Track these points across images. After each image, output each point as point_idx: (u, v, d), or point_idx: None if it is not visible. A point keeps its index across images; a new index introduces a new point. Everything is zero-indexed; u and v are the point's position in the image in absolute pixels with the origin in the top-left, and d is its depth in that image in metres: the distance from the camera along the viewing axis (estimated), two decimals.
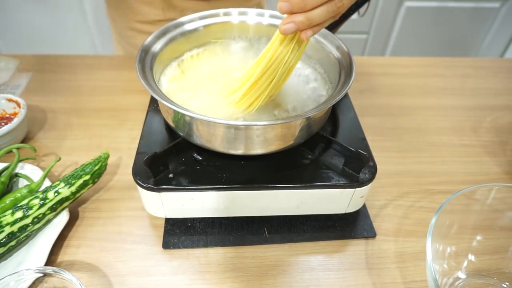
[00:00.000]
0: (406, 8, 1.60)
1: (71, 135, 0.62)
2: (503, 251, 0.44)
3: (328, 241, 0.48)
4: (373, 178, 0.44)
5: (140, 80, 0.41)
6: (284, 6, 0.34)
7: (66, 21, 1.57)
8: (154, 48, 0.49)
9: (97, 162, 0.49)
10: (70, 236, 0.48)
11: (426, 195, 0.54)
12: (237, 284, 0.43)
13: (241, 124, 0.39)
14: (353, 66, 0.45)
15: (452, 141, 0.64)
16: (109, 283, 0.43)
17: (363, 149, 0.45)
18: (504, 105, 0.73)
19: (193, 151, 0.47)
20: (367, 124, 0.65)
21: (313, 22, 0.35)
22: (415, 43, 1.73)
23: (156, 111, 0.52)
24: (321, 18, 0.35)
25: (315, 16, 0.35)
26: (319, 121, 0.46)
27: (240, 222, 0.49)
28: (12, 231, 0.42)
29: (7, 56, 0.80)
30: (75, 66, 0.79)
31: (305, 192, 0.44)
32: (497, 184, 0.42)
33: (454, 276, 0.43)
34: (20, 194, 0.48)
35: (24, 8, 1.53)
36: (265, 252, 0.47)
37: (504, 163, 0.60)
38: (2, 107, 0.61)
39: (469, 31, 1.72)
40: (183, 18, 0.54)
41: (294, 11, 0.35)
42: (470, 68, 0.84)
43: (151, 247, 0.47)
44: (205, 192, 0.43)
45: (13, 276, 0.36)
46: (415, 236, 0.49)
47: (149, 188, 0.42)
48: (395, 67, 0.83)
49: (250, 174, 0.45)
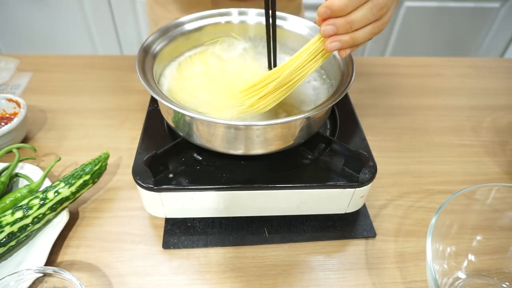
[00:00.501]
0: (406, 8, 1.60)
1: (71, 135, 0.62)
2: (503, 251, 0.44)
3: (328, 241, 0.48)
4: (373, 178, 0.44)
5: (140, 80, 0.41)
6: (330, 29, 0.35)
7: (66, 21, 1.57)
8: (154, 48, 0.49)
9: (97, 162, 0.50)
10: (70, 236, 0.48)
11: (426, 195, 0.54)
12: (237, 284, 0.43)
13: (241, 124, 0.39)
14: (353, 66, 0.45)
15: (452, 141, 0.64)
16: (109, 283, 0.43)
17: (363, 149, 0.45)
18: (504, 105, 0.73)
19: (193, 151, 0.47)
20: (367, 124, 0.65)
21: (356, 42, 0.36)
22: (415, 43, 1.73)
23: (156, 111, 0.52)
24: (363, 39, 0.36)
25: (358, 37, 0.36)
26: (319, 121, 0.46)
27: (240, 222, 0.49)
28: (12, 231, 0.42)
29: (7, 56, 0.80)
30: (75, 66, 0.79)
31: (305, 192, 0.44)
32: (497, 184, 0.42)
33: (454, 276, 0.43)
34: (20, 194, 0.48)
35: (24, 8, 1.53)
36: (265, 252, 0.47)
37: (504, 163, 0.60)
38: (2, 107, 0.61)
39: (469, 31, 1.72)
40: (183, 18, 0.54)
41: (339, 33, 0.35)
42: (470, 68, 0.84)
43: (151, 247, 0.47)
44: (205, 192, 0.43)
45: (13, 276, 0.36)
46: (415, 236, 0.49)
47: (149, 188, 0.42)
48: (395, 67, 0.83)
49: (250, 174, 0.45)
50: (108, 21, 1.58)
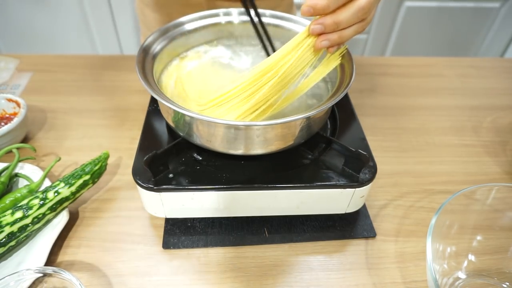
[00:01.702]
0: (406, 8, 1.60)
1: (71, 135, 0.62)
2: (503, 251, 0.44)
3: (328, 241, 0.48)
4: (373, 178, 0.44)
5: (140, 80, 0.41)
6: (318, 28, 0.37)
7: (66, 21, 1.57)
8: (154, 48, 0.49)
9: (97, 162, 0.49)
10: (70, 236, 0.48)
11: (426, 195, 0.54)
12: (237, 284, 0.43)
13: (241, 124, 0.39)
14: (353, 66, 0.45)
15: (452, 141, 0.64)
16: (109, 283, 0.43)
17: (363, 149, 0.45)
18: (505, 105, 0.73)
19: (193, 151, 0.47)
20: (367, 124, 0.65)
21: (343, 40, 0.39)
22: (415, 43, 1.73)
23: (156, 111, 0.52)
24: (349, 37, 0.39)
25: (345, 36, 0.39)
26: (319, 121, 0.46)
27: (240, 222, 0.49)
28: (12, 231, 0.42)
29: (7, 56, 0.80)
30: (75, 66, 0.79)
31: (305, 192, 0.44)
32: (497, 184, 0.42)
33: (454, 276, 0.43)
34: (20, 194, 0.48)
35: (24, 8, 1.53)
36: (265, 252, 0.47)
37: (504, 163, 0.60)
38: (2, 107, 0.61)
39: (469, 31, 1.72)
40: (183, 18, 0.54)
41: (326, 32, 0.38)
42: (470, 68, 0.84)
43: (151, 247, 0.47)
44: (205, 192, 0.43)
45: (13, 276, 0.36)
46: (415, 236, 0.49)
47: (149, 188, 0.42)
48: (395, 67, 0.83)
49: (250, 174, 0.45)
50: (108, 21, 1.58)
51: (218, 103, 0.43)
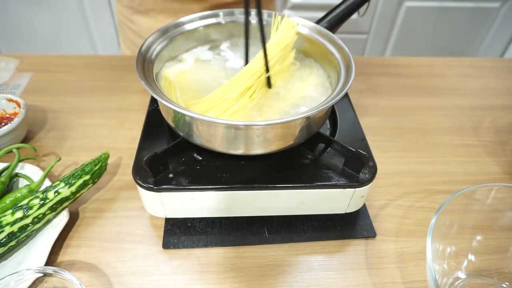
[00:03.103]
0: (406, 8, 1.61)
1: (71, 135, 0.62)
2: (503, 251, 0.44)
3: (328, 241, 0.48)
4: (373, 178, 0.44)
5: (140, 80, 0.41)
6: None
7: (66, 21, 1.57)
8: (154, 48, 0.49)
9: (97, 162, 0.50)
10: (70, 236, 0.48)
11: (426, 195, 0.54)
12: (237, 284, 0.43)
13: (241, 124, 0.39)
14: (353, 66, 0.45)
15: (453, 141, 0.64)
16: (109, 283, 0.43)
17: (363, 149, 0.45)
18: (505, 105, 0.73)
19: (193, 151, 0.47)
20: (367, 124, 0.65)
21: None
22: (415, 43, 1.74)
23: (156, 111, 0.52)
24: None
25: None
26: (319, 121, 0.46)
27: (240, 222, 0.49)
28: (12, 231, 0.42)
29: (7, 56, 0.80)
30: (75, 66, 0.79)
31: (305, 192, 0.44)
32: (497, 184, 0.42)
33: (454, 276, 0.43)
34: (20, 194, 0.48)
35: (24, 8, 1.53)
36: (265, 252, 0.47)
37: (504, 163, 0.60)
38: (2, 107, 0.61)
39: (469, 31, 1.72)
40: (183, 18, 0.54)
41: None
42: (470, 68, 0.84)
43: (151, 247, 0.47)
44: (205, 192, 0.43)
45: (13, 276, 0.36)
46: (415, 236, 0.49)
47: (149, 188, 0.42)
48: (395, 67, 0.83)
49: (250, 174, 0.45)
50: (108, 21, 1.58)
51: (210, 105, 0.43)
